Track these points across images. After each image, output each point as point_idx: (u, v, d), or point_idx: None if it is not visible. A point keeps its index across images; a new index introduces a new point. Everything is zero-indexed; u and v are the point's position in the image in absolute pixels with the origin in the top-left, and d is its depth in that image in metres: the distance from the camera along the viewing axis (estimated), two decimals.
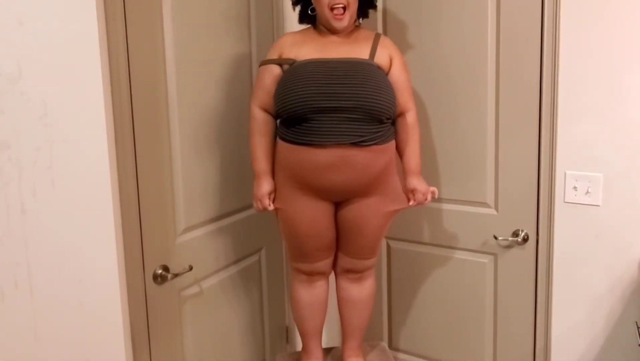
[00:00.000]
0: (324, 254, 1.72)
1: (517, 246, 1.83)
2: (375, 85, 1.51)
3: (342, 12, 1.54)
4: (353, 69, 1.52)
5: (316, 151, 1.51)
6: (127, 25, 1.39)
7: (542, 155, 1.73)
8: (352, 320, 1.82)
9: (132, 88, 1.41)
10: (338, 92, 1.48)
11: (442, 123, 1.91)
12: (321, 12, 1.57)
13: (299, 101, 1.49)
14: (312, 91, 1.48)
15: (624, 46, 1.56)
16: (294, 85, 1.51)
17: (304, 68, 1.53)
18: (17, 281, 1.23)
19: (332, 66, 1.52)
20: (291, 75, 1.54)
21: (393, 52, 1.63)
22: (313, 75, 1.51)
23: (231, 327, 1.90)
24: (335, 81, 1.49)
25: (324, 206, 1.62)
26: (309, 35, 1.64)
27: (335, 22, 1.56)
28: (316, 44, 1.60)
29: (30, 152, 1.22)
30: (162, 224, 1.56)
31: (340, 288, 1.81)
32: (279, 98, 1.54)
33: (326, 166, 1.52)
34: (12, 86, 1.18)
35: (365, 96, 1.49)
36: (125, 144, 1.40)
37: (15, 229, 1.22)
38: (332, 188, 1.56)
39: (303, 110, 1.49)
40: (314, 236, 1.65)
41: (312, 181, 1.56)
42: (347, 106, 1.48)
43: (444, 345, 2.06)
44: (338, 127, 1.49)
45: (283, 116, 1.57)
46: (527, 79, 1.72)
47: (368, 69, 1.54)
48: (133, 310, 1.44)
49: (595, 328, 1.72)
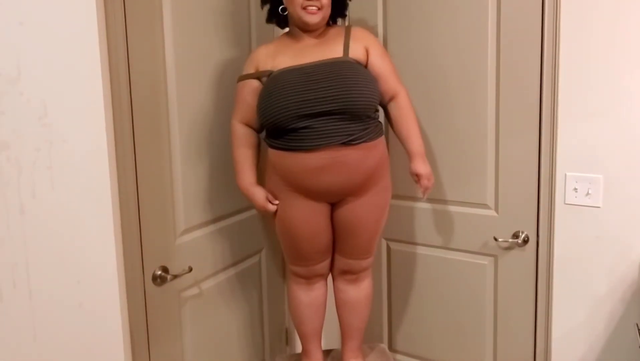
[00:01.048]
0: (321, 256, 1.72)
1: (517, 247, 1.83)
2: (353, 82, 1.51)
3: (315, 9, 1.54)
4: (329, 70, 1.52)
5: (307, 155, 1.52)
6: (127, 25, 1.39)
7: (543, 156, 1.73)
8: (351, 321, 1.81)
9: (132, 88, 1.41)
10: (319, 98, 1.48)
11: (443, 124, 1.91)
12: (293, 11, 1.56)
13: (282, 112, 1.50)
14: (293, 100, 1.49)
15: (625, 48, 1.56)
16: (274, 96, 1.51)
17: (281, 78, 1.54)
18: (16, 282, 1.22)
19: (309, 71, 1.52)
20: (270, 86, 1.55)
21: (368, 42, 1.62)
22: (291, 84, 1.51)
23: (231, 329, 1.90)
24: (314, 86, 1.49)
25: (319, 208, 1.62)
26: (282, 44, 1.64)
27: (307, 16, 1.55)
28: (291, 51, 1.60)
29: (29, 152, 1.22)
30: (161, 225, 1.56)
31: (337, 289, 1.81)
32: (261, 111, 1.55)
33: (318, 168, 1.52)
34: (11, 86, 1.18)
35: (345, 96, 1.49)
36: (125, 145, 1.40)
37: (14, 230, 1.21)
38: (326, 189, 1.57)
39: (286, 119, 1.50)
40: (310, 239, 1.65)
41: (306, 184, 1.56)
42: (330, 109, 1.49)
43: (444, 347, 2.06)
44: (325, 130, 1.50)
45: (268, 128, 1.58)
46: (527, 80, 1.72)
47: (344, 67, 1.54)
48: (132, 312, 1.44)
49: (596, 330, 1.72)
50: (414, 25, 1.91)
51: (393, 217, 2.00)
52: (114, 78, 1.34)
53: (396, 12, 1.95)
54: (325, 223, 1.65)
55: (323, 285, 1.81)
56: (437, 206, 1.97)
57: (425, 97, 1.92)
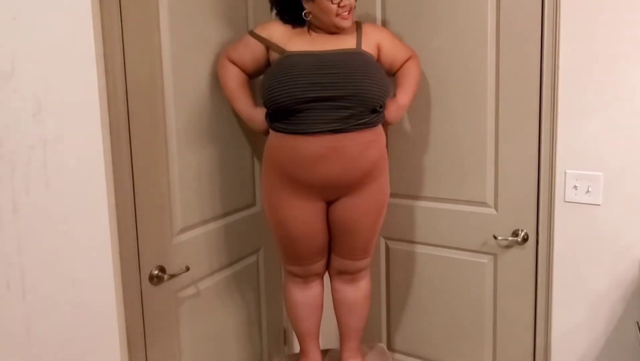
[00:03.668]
0: (317, 256, 1.70)
1: (516, 246, 1.82)
2: (368, 73, 1.53)
3: (348, 13, 1.55)
4: (342, 59, 1.54)
5: (308, 138, 1.51)
6: (123, 21, 1.37)
7: (542, 154, 1.72)
8: (349, 321, 1.80)
9: (128, 85, 1.39)
10: (331, 82, 1.49)
11: (442, 122, 1.90)
12: (328, 20, 1.55)
13: (290, 90, 1.49)
14: (302, 81, 1.49)
15: (625, 45, 1.56)
16: (285, 75, 1.50)
17: (294, 59, 1.54)
18: (10, 282, 1.21)
19: (322, 57, 1.53)
20: (282, 65, 1.54)
21: (378, 36, 1.66)
22: (304, 65, 1.51)
23: (228, 329, 1.88)
24: (326, 71, 1.50)
25: (315, 207, 1.60)
26: (296, 31, 1.63)
27: (342, 22, 1.56)
28: (305, 39, 1.60)
29: (23, 150, 1.20)
30: (158, 224, 1.54)
31: (335, 290, 1.80)
32: (268, 89, 1.52)
33: (317, 157, 1.51)
34: (5, 82, 1.16)
35: (358, 84, 1.50)
36: (121, 143, 1.38)
37: (7, 229, 1.19)
38: (324, 182, 1.55)
39: (293, 99, 1.49)
40: (306, 239, 1.64)
41: (304, 175, 1.54)
42: (340, 94, 1.49)
43: (443, 346, 2.05)
44: (328, 115, 1.50)
45: (274, 108, 1.55)
46: (527, 77, 1.71)
47: (359, 58, 1.56)
48: (129, 312, 1.42)
49: (596, 329, 1.71)
50: (414, 24, 1.90)
51: (392, 216, 1.99)
52: (109, 74, 1.32)
53: (395, 11, 1.94)
54: (321, 222, 1.64)
55: (319, 284, 1.80)
56: (436, 204, 1.96)
57: (425, 95, 1.91)
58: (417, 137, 1.96)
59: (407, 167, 1.99)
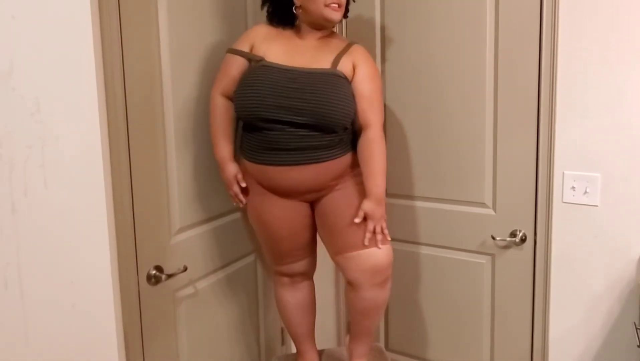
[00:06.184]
0: (300, 253, 1.72)
1: (515, 246, 1.82)
2: (329, 98, 1.49)
3: (336, 6, 1.53)
4: (311, 82, 1.51)
5: (271, 169, 1.55)
6: (122, 20, 1.36)
7: (540, 155, 1.72)
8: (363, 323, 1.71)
9: (127, 85, 1.39)
10: (292, 107, 1.48)
11: (441, 123, 1.90)
12: (316, 9, 1.53)
13: (254, 107, 1.50)
14: (267, 102, 1.49)
15: (623, 46, 1.56)
16: (252, 89, 1.51)
17: (264, 73, 1.53)
18: (8, 282, 1.20)
19: (292, 77, 1.51)
20: (251, 77, 1.54)
21: (359, 60, 1.57)
22: (271, 83, 1.50)
23: (226, 329, 1.88)
24: (292, 94, 1.49)
25: (295, 206, 1.63)
26: (284, 34, 1.62)
27: (331, 13, 1.52)
28: (287, 45, 1.59)
29: (21, 149, 1.19)
30: (156, 224, 1.53)
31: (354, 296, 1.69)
32: (236, 98, 1.55)
33: (281, 179, 1.56)
34: (3, 82, 1.16)
35: (316, 113, 1.48)
36: (119, 142, 1.37)
37: (5, 229, 1.19)
38: (296, 191, 1.59)
39: (256, 118, 1.51)
40: (287, 236, 1.66)
41: (275, 186, 1.59)
42: (299, 122, 1.49)
43: (441, 346, 2.05)
44: (289, 143, 1.50)
45: (242, 118, 1.58)
46: (525, 79, 1.72)
47: (328, 81, 1.52)
48: (126, 312, 1.42)
49: (594, 329, 1.72)
50: (412, 24, 1.91)
51: (390, 216, 1.98)
52: (108, 73, 1.31)
53: (394, 10, 1.94)
54: (301, 220, 1.65)
55: (307, 285, 1.81)
56: (435, 204, 1.96)
57: (423, 96, 1.91)
58: (416, 138, 1.96)
59: (406, 168, 1.99)
